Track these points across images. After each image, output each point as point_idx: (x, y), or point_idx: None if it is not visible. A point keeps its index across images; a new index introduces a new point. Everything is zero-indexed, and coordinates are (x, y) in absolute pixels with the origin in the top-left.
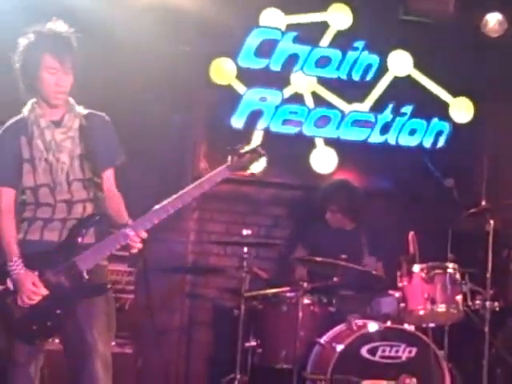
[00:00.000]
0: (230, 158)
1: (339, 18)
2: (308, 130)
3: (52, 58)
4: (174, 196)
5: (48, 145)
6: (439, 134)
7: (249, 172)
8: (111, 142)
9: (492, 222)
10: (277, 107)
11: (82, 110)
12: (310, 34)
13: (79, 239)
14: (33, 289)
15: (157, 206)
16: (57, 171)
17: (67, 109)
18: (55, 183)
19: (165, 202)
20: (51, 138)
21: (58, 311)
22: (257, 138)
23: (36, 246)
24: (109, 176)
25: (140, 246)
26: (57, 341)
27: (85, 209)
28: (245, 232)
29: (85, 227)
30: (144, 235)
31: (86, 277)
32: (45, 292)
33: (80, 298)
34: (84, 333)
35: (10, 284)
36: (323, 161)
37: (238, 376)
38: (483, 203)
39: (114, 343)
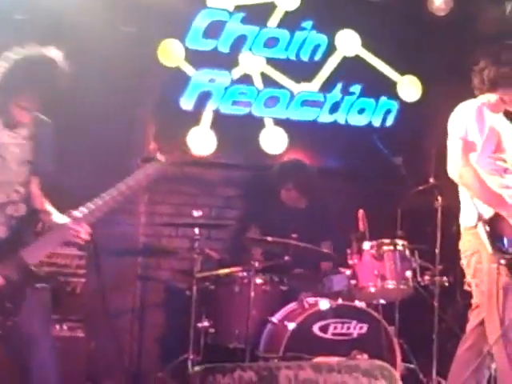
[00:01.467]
0: (158, 153)
1: None
2: (257, 111)
3: (25, 101)
4: (114, 189)
5: None
6: (388, 112)
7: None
8: (48, 153)
9: (440, 198)
10: (226, 88)
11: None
12: (257, 15)
13: (22, 235)
14: None
15: (97, 199)
16: (2, 173)
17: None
18: None
19: (105, 196)
20: (2, 141)
21: (8, 304)
22: (206, 119)
23: None
24: (35, 180)
25: (86, 237)
26: None
27: (17, 210)
28: (195, 213)
29: (26, 223)
30: (86, 228)
31: (33, 270)
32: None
33: (28, 291)
34: (26, 326)
35: None
36: (273, 141)
37: (191, 356)
38: (431, 180)
39: (65, 327)
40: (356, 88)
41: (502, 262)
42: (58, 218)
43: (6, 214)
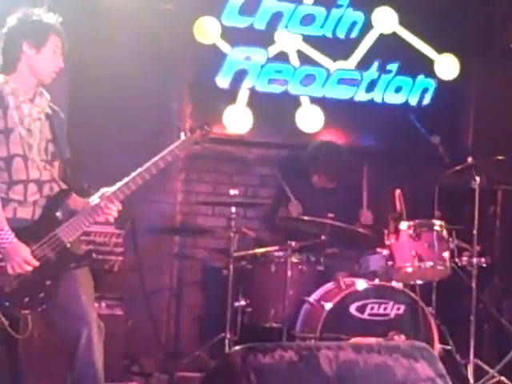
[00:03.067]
0: (183, 133)
1: None
2: (294, 89)
3: (58, 39)
4: (141, 168)
5: (23, 118)
6: (425, 91)
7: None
8: (64, 139)
9: (478, 178)
10: (262, 66)
11: (48, 95)
12: None
13: (57, 214)
14: (26, 257)
15: (126, 178)
16: (28, 145)
17: (38, 91)
18: (26, 155)
19: (134, 174)
20: (28, 113)
21: (48, 282)
22: (242, 97)
23: (10, 223)
24: (57, 166)
25: (115, 215)
26: None
27: (51, 189)
28: (232, 192)
29: (59, 203)
30: (118, 205)
31: (69, 248)
32: (36, 263)
33: (65, 269)
34: (76, 301)
35: None
36: (309, 119)
37: (228, 335)
38: (469, 160)
39: (104, 305)
40: (393, 66)
41: None
42: (91, 197)
43: (43, 195)
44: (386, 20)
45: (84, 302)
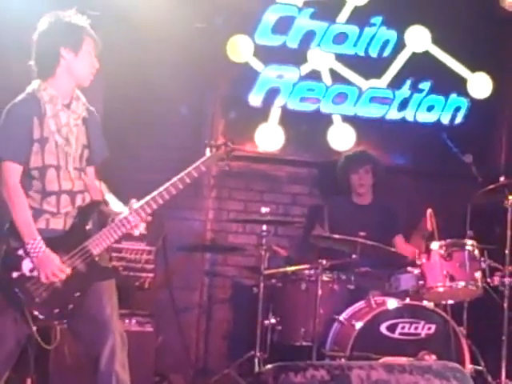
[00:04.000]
0: (208, 149)
1: None
2: (325, 107)
3: (93, 41)
4: (168, 183)
5: (60, 127)
6: (457, 109)
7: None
8: (102, 140)
9: (511, 198)
10: (294, 84)
11: (84, 99)
12: (326, 10)
13: (87, 226)
14: (59, 265)
15: (154, 193)
16: (64, 154)
17: (75, 96)
18: (60, 166)
19: (161, 189)
20: (66, 121)
21: (77, 294)
22: (274, 115)
23: (42, 234)
24: (91, 171)
25: (142, 229)
26: None
27: (83, 199)
28: (263, 210)
29: (89, 215)
30: (147, 219)
31: (98, 261)
32: (68, 271)
33: (93, 281)
34: (101, 312)
35: (25, 269)
36: (341, 138)
37: (258, 353)
38: (502, 179)
39: (134, 321)
40: (425, 85)
41: None
42: (120, 209)
43: (75, 205)
44: (418, 39)
45: (108, 313)
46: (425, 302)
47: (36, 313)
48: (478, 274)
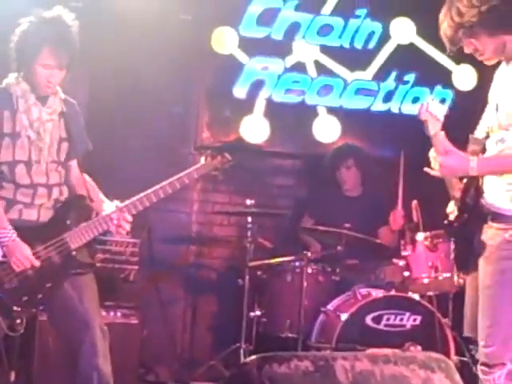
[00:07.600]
0: (203, 158)
1: None
2: (311, 99)
3: (50, 54)
4: (157, 186)
5: (32, 121)
6: (442, 101)
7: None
8: (82, 132)
9: None
10: (279, 76)
11: (62, 94)
12: (311, 2)
13: (67, 220)
14: (28, 256)
15: (142, 194)
16: (36, 149)
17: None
18: (31, 161)
19: (149, 191)
20: (38, 116)
21: (48, 284)
22: (259, 108)
23: (14, 224)
24: (75, 164)
25: (127, 228)
26: None
27: (61, 192)
28: (248, 202)
29: (71, 208)
30: (129, 219)
31: (74, 254)
32: (37, 263)
33: (68, 274)
34: (76, 306)
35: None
36: (326, 130)
37: (243, 345)
38: None
39: (119, 313)
40: (410, 77)
41: None
42: (103, 205)
43: (51, 198)
44: (403, 31)
45: (87, 307)
46: (410, 294)
47: (1, 295)
48: None
